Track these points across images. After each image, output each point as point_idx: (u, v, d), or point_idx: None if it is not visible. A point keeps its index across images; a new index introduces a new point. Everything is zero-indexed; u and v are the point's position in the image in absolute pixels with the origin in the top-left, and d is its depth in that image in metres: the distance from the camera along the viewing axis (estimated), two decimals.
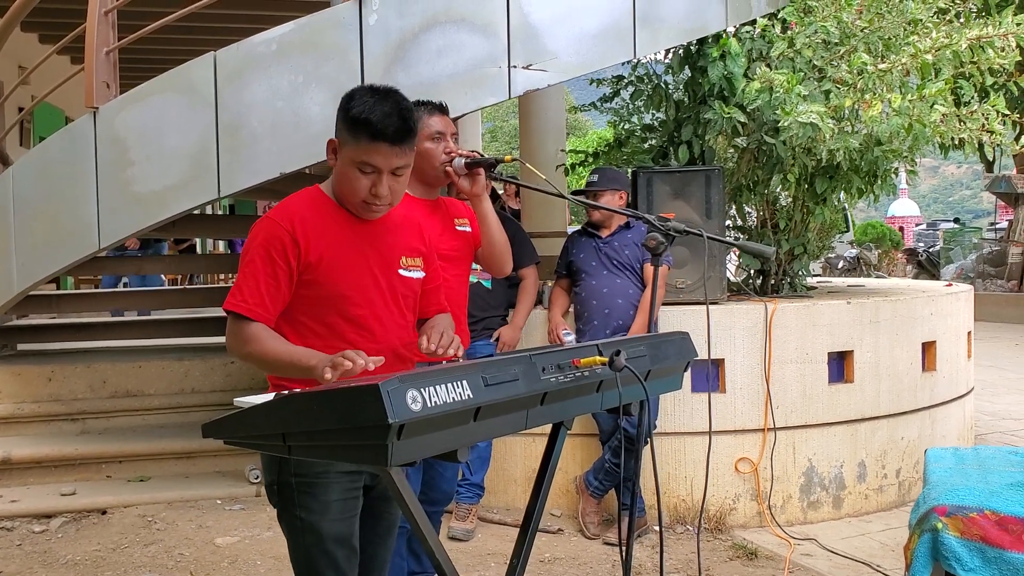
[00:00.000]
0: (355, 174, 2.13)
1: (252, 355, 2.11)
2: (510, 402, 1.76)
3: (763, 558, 3.97)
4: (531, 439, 4.49)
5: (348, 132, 2.12)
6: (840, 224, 5.67)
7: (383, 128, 2.07)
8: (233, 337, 2.13)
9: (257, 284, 2.10)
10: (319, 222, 2.17)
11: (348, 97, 2.14)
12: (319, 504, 2.11)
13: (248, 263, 2.13)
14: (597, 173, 4.39)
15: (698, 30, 4.67)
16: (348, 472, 2.13)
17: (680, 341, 2.30)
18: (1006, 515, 2.41)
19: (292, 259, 2.12)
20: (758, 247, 2.85)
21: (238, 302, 2.10)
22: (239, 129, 4.14)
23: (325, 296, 2.16)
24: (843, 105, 4.22)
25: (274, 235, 2.12)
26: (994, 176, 14.86)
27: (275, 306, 2.13)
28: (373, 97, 2.10)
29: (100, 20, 4.41)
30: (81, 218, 4.33)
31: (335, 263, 2.16)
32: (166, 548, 4.13)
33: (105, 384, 5.39)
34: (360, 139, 2.09)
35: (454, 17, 4.16)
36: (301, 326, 2.18)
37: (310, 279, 2.14)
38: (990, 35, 4.24)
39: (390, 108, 2.09)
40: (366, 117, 2.07)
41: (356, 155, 2.11)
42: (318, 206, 2.21)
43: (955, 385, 5.07)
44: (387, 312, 2.23)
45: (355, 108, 2.09)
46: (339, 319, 2.18)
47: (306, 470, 2.10)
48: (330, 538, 2.12)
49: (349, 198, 2.18)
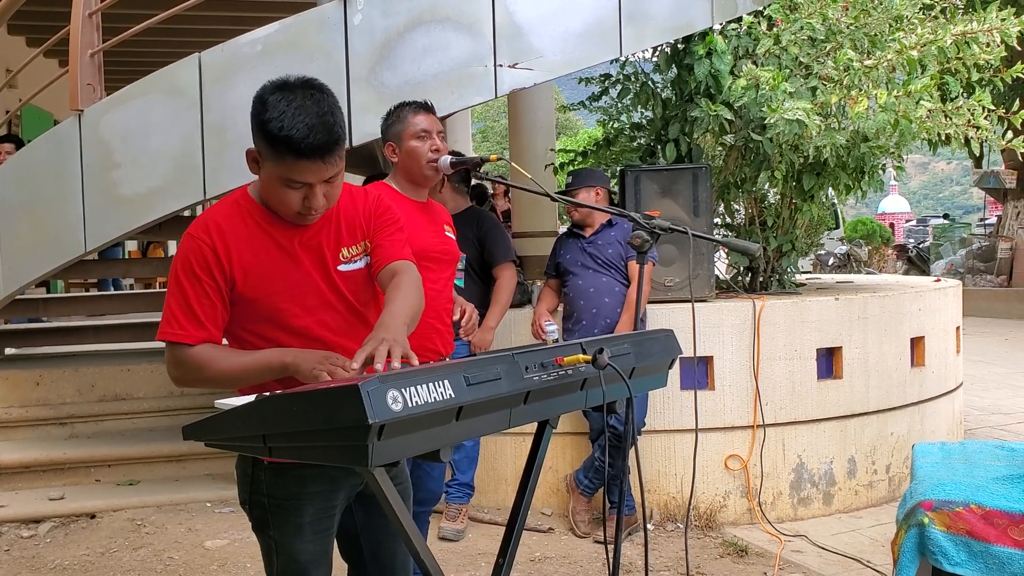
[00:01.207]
0: (283, 190, 1.90)
1: (209, 379, 1.95)
2: (493, 401, 1.75)
3: (753, 555, 3.97)
4: (521, 438, 4.49)
5: (268, 148, 1.86)
6: (829, 220, 5.68)
7: (307, 147, 1.82)
8: (177, 367, 1.95)
9: (189, 306, 1.92)
10: (242, 233, 1.97)
11: (260, 104, 1.87)
12: (291, 526, 2.04)
13: (174, 285, 1.94)
14: (572, 175, 4.41)
15: (684, 28, 4.67)
16: (322, 491, 2.06)
17: (664, 338, 2.29)
18: (992, 509, 2.42)
19: (218, 274, 1.94)
20: (743, 244, 2.85)
21: (175, 330, 1.92)
22: (224, 130, 4.13)
23: (261, 311, 1.99)
24: (829, 102, 4.23)
25: (195, 251, 1.94)
26: (983, 172, 14.92)
27: (215, 326, 1.95)
28: (290, 105, 1.83)
29: (84, 22, 4.40)
30: (67, 221, 4.31)
31: (264, 276, 1.98)
32: (155, 552, 4.11)
33: (94, 388, 5.37)
34: (283, 157, 1.85)
35: (439, 16, 4.15)
36: (247, 344, 2.03)
37: (239, 296, 1.97)
38: (975, 31, 4.25)
39: (311, 119, 1.82)
40: (286, 135, 1.81)
41: (282, 172, 1.87)
42: (241, 214, 2.00)
43: (944, 380, 5.09)
44: (333, 315, 2.05)
45: (272, 122, 1.82)
46: (282, 333, 2.00)
47: (278, 492, 2.03)
48: (304, 559, 2.06)
49: (280, 211, 1.97)
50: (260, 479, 2.03)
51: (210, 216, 2.00)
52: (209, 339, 1.94)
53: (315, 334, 2.03)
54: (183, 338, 1.92)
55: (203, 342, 1.93)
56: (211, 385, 2.00)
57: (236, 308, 2.00)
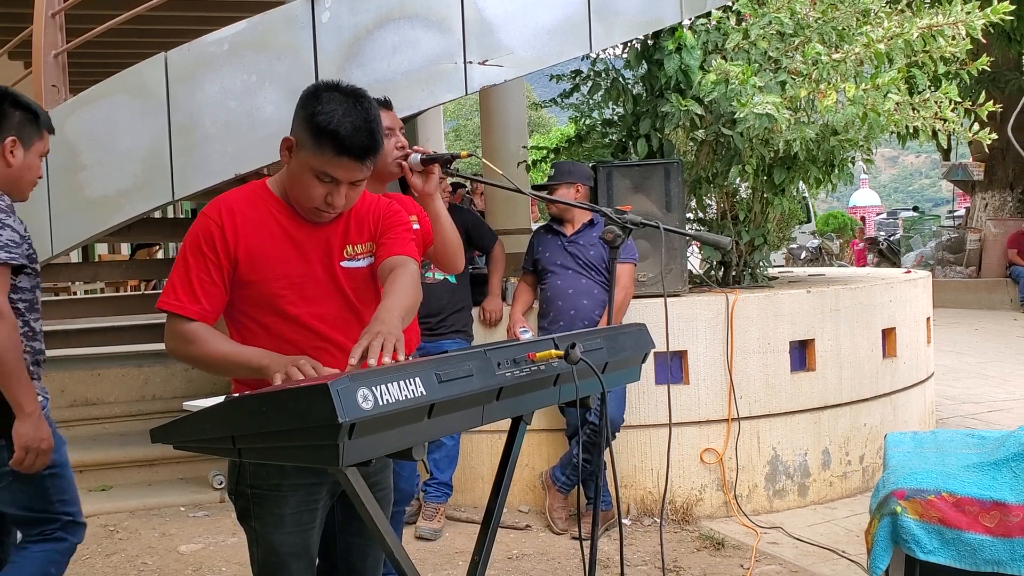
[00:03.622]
0: (312, 181, 2.01)
1: (194, 356, 2.03)
2: (465, 398, 1.74)
3: (730, 547, 3.99)
4: (498, 436, 4.47)
5: (311, 139, 1.98)
6: (800, 214, 5.72)
7: (351, 144, 1.96)
8: (172, 338, 2.04)
9: (189, 280, 2.01)
10: (253, 216, 2.07)
11: (312, 98, 2.00)
12: (272, 517, 2.06)
13: (180, 260, 2.04)
14: (555, 167, 4.41)
15: (653, 23, 4.68)
16: (305, 484, 2.07)
17: (637, 333, 2.29)
18: (963, 496, 2.44)
19: (222, 253, 2.02)
20: (715, 238, 2.86)
21: (171, 300, 2.01)
22: (192, 130, 4.10)
23: (259, 295, 2.06)
24: (798, 95, 4.25)
25: (204, 229, 2.03)
26: (951, 164, 15.06)
27: (211, 303, 2.03)
28: (342, 105, 1.97)
29: (47, 22, 4.34)
30: (32, 224, 4.19)
31: (265, 260, 2.05)
32: (129, 557, 4.06)
33: (63, 393, 5.30)
34: (323, 150, 1.96)
35: (408, 13, 4.14)
36: (243, 327, 2.10)
37: (240, 277, 2.05)
38: (941, 24, 4.30)
39: (360, 121, 1.96)
40: (334, 129, 1.94)
41: (316, 164, 1.98)
42: (257, 201, 2.10)
43: (916, 371, 5.13)
44: (330, 309, 2.11)
45: (322, 115, 1.95)
46: (276, 319, 2.07)
47: (260, 482, 2.05)
48: (284, 551, 2.07)
49: (301, 202, 2.07)
50: (245, 469, 2.06)
51: (225, 198, 2.10)
52: (202, 313, 2.01)
53: (308, 324, 2.09)
54: (177, 308, 2.00)
55: (197, 316, 2.00)
56: (196, 364, 2.07)
57: (237, 290, 2.07)
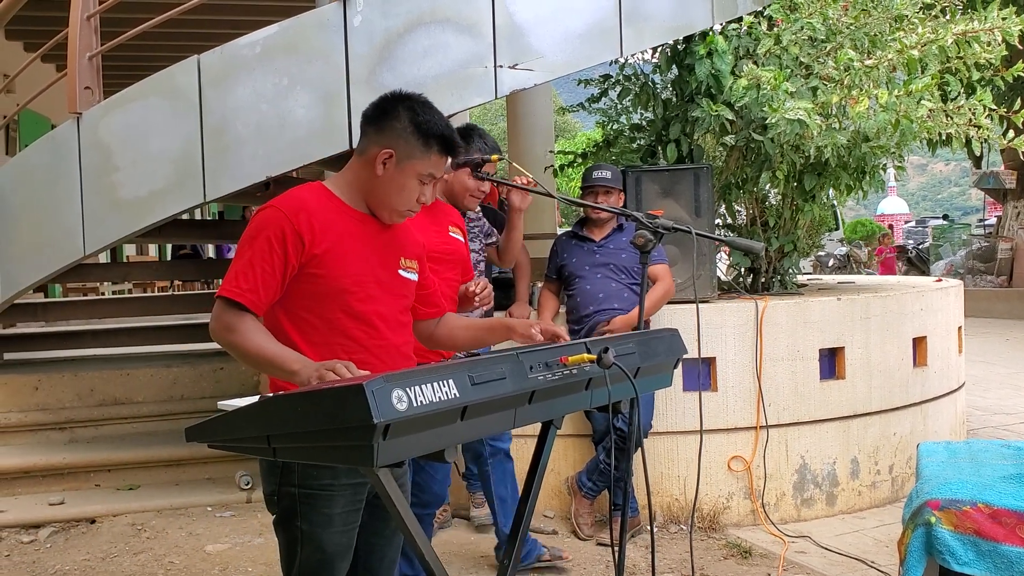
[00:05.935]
0: (414, 184, 2.17)
1: (233, 344, 2.05)
2: (497, 401, 1.74)
3: (757, 556, 3.95)
4: (523, 440, 4.45)
5: (420, 145, 2.14)
6: (829, 221, 5.67)
7: (454, 144, 2.19)
8: (217, 321, 2.07)
9: (253, 272, 2.05)
10: (325, 216, 2.14)
11: (407, 108, 2.16)
12: (322, 517, 2.08)
13: (246, 250, 2.08)
14: (608, 170, 4.25)
15: (684, 28, 4.66)
16: (353, 484, 2.10)
17: (670, 338, 2.28)
18: (999, 508, 2.40)
19: (293, 251, 2.07)
20: (747, 242, 2.84)
21: (232, 288, 2.05)
22: (224, 133, 4.11)
23: (328, 290, 2.12)
24: (830, 101, 4.21)
25: (278, 225, 2.07)
26: (982, 172, 14.91)
27: (268, 296, 2.07)
28: (431, 111, 2.17)
29: (82, 25, 4.38)
30: (65, 225, 4.29)
31: (341, 256, 2.13)
32: (156, 556, 4.09)
33: (93, 392, 5.35)
34: (431, 153, 2.15)
35: (439, 17, 4.13)
36: (302, 321, 2.14)
37: (314, 272, 2.10)
38: (976, 30, 4.25)
39: (447, 122, 2.19)
40: (442, 133, 2.14)
41: (425, 167, 2.16)
42: (324, 201, 2.17)
43: (946, 380, 5.07)
44: (388, 310, 2.21)
45: (430, 124, 2.14)
46: (342, 314, 2.13)
47: (310, 482, 2.07)
48: (331, 550, 2.10)
49: (393, 206, 2.20)
50: (292, 469, 2.07)
51: (298, 194, 2.16)
52: (256, 304, 2.06)
53: (370, 320, 2.17)
54: (236, 295, 2.04)
55: (251, 305, 2.05)
56: (233, 352, 2.08)
57: (302, 285, 2.11)
